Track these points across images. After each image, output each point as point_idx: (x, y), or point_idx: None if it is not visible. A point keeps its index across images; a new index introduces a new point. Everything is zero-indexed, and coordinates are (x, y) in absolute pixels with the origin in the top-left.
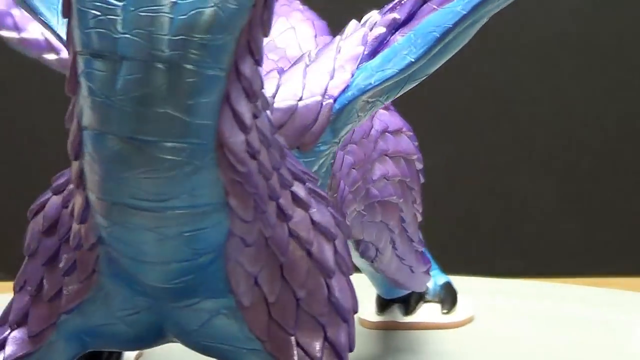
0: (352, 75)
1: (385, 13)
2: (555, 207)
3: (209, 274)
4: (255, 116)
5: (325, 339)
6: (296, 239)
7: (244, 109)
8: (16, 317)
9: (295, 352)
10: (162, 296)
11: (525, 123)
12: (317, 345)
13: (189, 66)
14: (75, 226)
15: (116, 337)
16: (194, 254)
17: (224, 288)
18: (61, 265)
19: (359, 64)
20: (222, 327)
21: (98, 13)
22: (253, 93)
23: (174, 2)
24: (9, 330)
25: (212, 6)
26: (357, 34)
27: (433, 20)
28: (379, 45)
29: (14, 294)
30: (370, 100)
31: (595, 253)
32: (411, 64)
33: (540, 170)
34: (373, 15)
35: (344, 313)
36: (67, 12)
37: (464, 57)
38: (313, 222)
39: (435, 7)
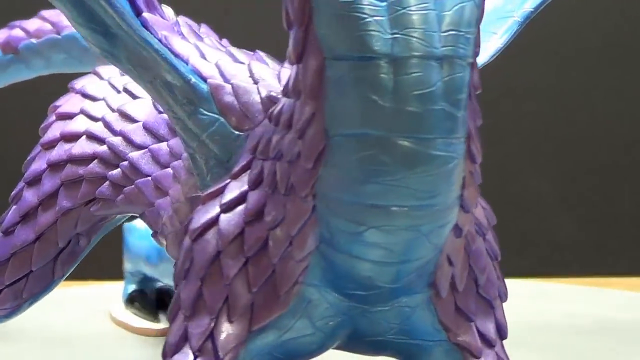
0: None
1: None
2: (555, 207)
3: (424, 269)
4: None
5: (495, 321)
6: (477, 226)
7: (475, 99)
8: (199, 342)
9: (477, 338)
10: (373, 299)
11: (526, 123)
12: (492, 328)
13: (458, 60)
14: (280, 237)
15: (306, 348)
16: (434, 249)
17: (426, 282)
18: (252, 281)
19: None
20: (417, 322)
21: (365, 16)
22: (478, 83)
23: None
24: (191, 357)
25: (470, 0)
26: None
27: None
28: None
29: (185, 318)
30: None
31: (595, 253)
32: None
33: (541, 170)
34: None
35: (502, 294)
36: (305, 20)
37: None
38: (483, 208)
39: None
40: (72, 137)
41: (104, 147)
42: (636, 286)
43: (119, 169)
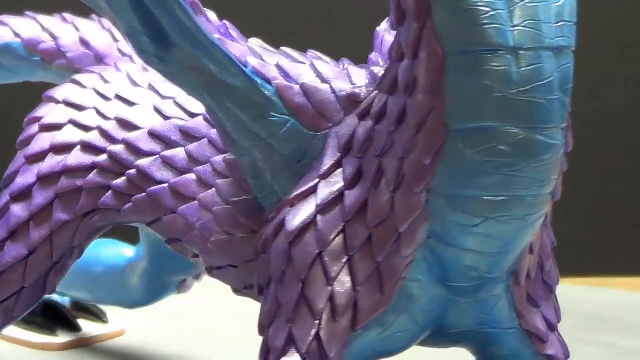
0: None
1: None
2: (555, 207)
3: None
4: None
5: (554, 305)
6: None
7: None
8: (306, 344)
9: (544, 323)
10: (472, 290)
11: None
12: (554, 313)
13: (567, 50)
14: (386, 233)
15: (402, 343)
16: (530, 238)
17: (509, 270)
18: (355, 280)
19: None
20: (500, 310)
21: (488, 9)
22: None
23: None
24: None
25: None
26: None
27: None
28: None
29: (288, 321)
30: None
31: (595, 253)
32: None
33: None
34: None
35: (557, 279)
36: (423, 16)
37: None
38: None
39: None
40: (64, 148)
41: (104, 157)
42: (636, 286)
43: (123, 178)
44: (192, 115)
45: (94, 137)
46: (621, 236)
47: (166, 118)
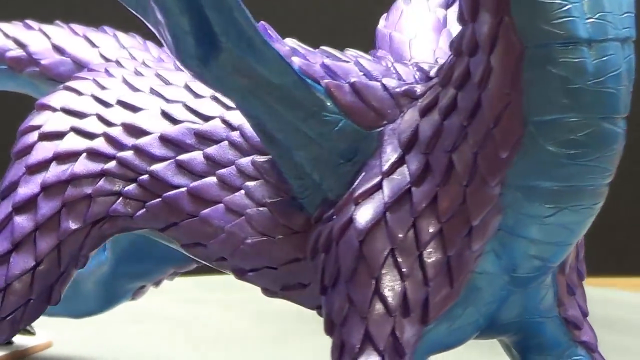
0: None
1: None
2: None
3: None
4: None
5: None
6: None
7: None
8: (383, 342)
9: (579, 309)
10: (533, 280)
11: None
12: (584, 301)
13: (630, 41)
14: (457, 228)
15: (467, 335)
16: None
17: None
18: (427, 275)
19: None
20: (547, 299)
21: (565, 3)
22: None
23: None
24: (378, 358)
25: None
26: None
27: None
28: None
29: (363, 320)
30: None
31: (595, 253)
32: None
33: None
34: None
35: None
36: (501, 10)
37: None
38: None
39: None
40: (68, 156)
41: (113, 163)
42: (636, 286)
43: (135, 184)
44: (207, 118)
45: (101, 144)
46: (621, 236)
47: (177, 122)
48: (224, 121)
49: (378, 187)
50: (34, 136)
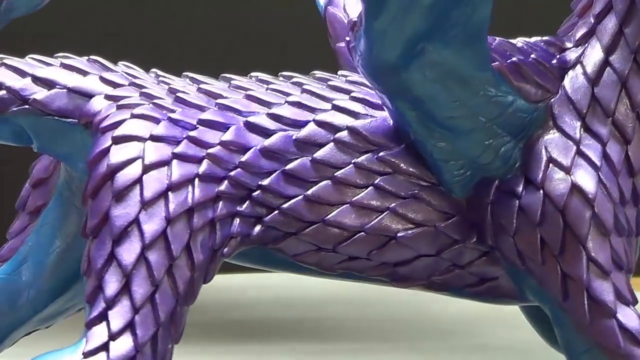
0: None
1: None
2: None
3: None
4: None
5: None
6: None
7: None
8: (630, 294)
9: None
10: None
11: None
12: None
13: None
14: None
15: None
16: None
17: None
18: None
19: None
20: None
21: None
22: None
23: None
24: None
25: None
26: None
27: None
28: None
29: (607, 273)
30: None
31: None
32: None
33: None
34: None
35: None
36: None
37: None
38: None
39: None
40: (181, 184)
41: (225, 184)
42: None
43: (248, 202)
44: (299, 125)
45: (209, 167)
46: None
47: (270, 133)
48: (321, 124)
49: (577, 154)
50: (137, 168)
